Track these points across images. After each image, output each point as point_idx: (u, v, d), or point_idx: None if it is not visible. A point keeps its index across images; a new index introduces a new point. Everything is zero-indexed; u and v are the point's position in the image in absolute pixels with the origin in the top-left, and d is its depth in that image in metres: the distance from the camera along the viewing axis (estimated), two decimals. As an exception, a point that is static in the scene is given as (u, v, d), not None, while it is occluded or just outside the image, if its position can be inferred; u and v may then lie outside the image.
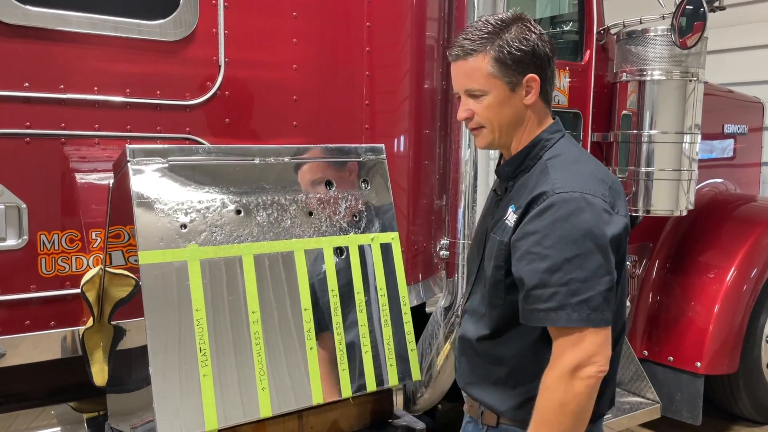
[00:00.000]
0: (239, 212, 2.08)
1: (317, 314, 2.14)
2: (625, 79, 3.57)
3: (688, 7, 3.28)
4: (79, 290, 2.22)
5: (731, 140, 4.83)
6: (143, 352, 1.89)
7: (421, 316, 3.05)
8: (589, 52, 3.49)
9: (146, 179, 1.96)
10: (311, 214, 2.21)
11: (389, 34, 2.84)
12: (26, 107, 2.17)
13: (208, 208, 2.03)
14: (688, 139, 3.52)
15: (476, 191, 2.86)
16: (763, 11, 6.51)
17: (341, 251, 2.23)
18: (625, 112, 3.59)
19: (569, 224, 1.51)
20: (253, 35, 2.53)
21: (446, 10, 2.94)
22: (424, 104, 2.93)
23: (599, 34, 3.54)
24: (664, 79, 3.47)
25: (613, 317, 1.55)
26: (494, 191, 1.84)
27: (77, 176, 2.27)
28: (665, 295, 4.04)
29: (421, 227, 2.97)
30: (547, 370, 1.54)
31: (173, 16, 2.36)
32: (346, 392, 2.15)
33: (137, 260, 1.90)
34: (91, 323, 2.24)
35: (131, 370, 2.11)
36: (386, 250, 2.32)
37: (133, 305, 2.04)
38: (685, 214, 3.66)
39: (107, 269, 2.18)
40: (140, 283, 1.90)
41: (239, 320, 2.00)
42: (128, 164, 1.95)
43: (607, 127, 3.69)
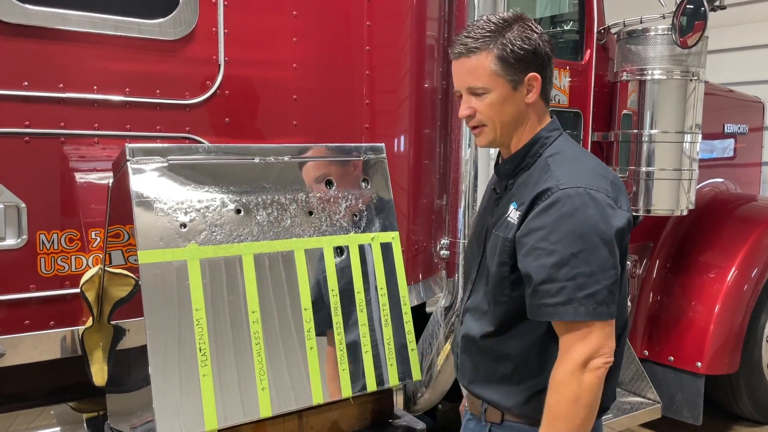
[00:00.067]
0: (239, 211, 2.07)
1: (317, 314, 2.13)
2: (625, 78, 3.57)
3: (688, 6, 3.28)
4: (78, 290, 2.22)
5: (732, 140, 4.83)
6: (143, 351, 1.89)
7: (421, 315, 3.05)
8: (589, 51, 3.49)
9: (146, 178, 1.96)
10: (311, 213, 2.20)
11: (389, 33, 2.84)
12: (25, 106, 2.16)
13: (207, 207, 2.02)
14: (688, 138, 3.52)
15: (477, 191, 2.86)
16: (763, 11, 6.51)
17: (341, 251, 2.23)
18: (625, 111, 3.59)
19: (575, 219, 1.53)
20: (253, 34, 2.52)
21: (446, 9, 2.94)
22: (424, 103, 2.93)
23: (600, 33, 3.54)
24: (664, 78, 3.46)
25: (617, 310, 1.57)
26: (493, 189, 1.84)
27: (77, 175, 2.26)
28: (666, 294, 4.04)
29: (421, 227, 2.97)
30: (556, 365, 1.56)
31: (173, 15, 2.35)
32: (346, 392, 2.15)
33: (137, 260, 1.90)
34: (90, 323, 2.24)
35: (131, 370, 2.11)
36: (386, 249, 2.31)
37: (132, 305, 2.04)
38: (685, 213, 3.65)
39: (107, 269, 2.17)
40: (140, 282, 1.90)
41: (239, 320, 2.00)
42: (128, 163, 1.95)
43: (607, 126, 3.69)
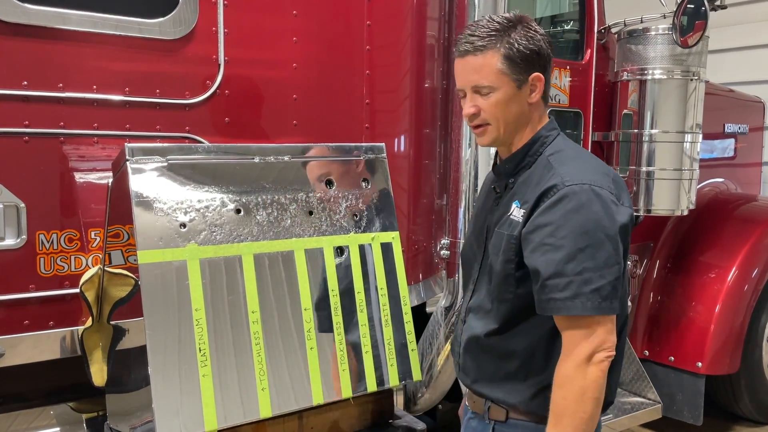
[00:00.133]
0: (239, 211, 2.07)
1: (317, 314, 2.13)
2: (626, 78, 3.57)
3: (689, 5, 3.28)
4: (78, 290, 2.21)
5: (732, 140, 4.82)
6: (142, 352, 1.88)
7: (421, 315, 3.05)
8: (589, 51, 3.48)
9: (145, 178, 1.96)
10: (311, 213, 2.20)
11: (390, 32, 2.83)
12: (25, 106, 2.16)
13: (207, 207, 2.02)
14: (689, 138, 3.51)
15: (477, 191, 2.85)
16: (763, 11, 6.51)
17: (341, 251, 2.22)
18: (626, 111, 3.58)
19: (580, 215, 1.55)
20: (252, 34, 2.52)
21: (446, 9, 2.94)
22: (424, 103, 2.93)
23: (600, 33, 3.53)
24: (665, 78, 3.46)
25: (619, 305, 1.59)
26: (493, 189, 1.84)
27: (76, 175, 2.26)
28: (666, 295, 4.03)
29: (421, 227, 2.97)
30: (561, 361, 1.58)
31: (173, 14, 2.35)
32: (346, 392, 2.14)
33: (136, 260, 1.90)
34: (90, 323, 2.23)
35: (130, 370, 2.11)
36: (387, 249, 2.31)
37: (132, 305, 2.03)
38: (686, 213, 3.65)
39: (106, 269, 2.17)
40: (139, 282, 1.89)
41: (239, 320, 2.00)
42: (127, 163, 1.95)
43: (608, 126, 3.69)
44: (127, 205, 1.95)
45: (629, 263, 3.67)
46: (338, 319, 2.16)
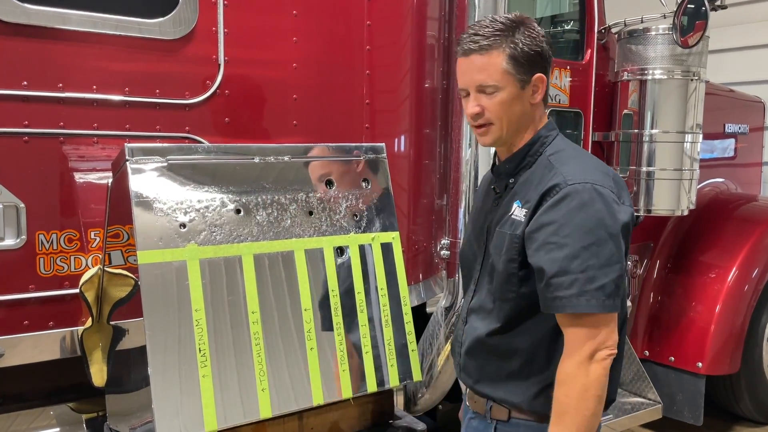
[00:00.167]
0: (239, 211, 2.07)
1: (317, 314, 2.13)
2: (626, 78, 3.56)
3: (689, 6, 3.28)
4: (77, 290, 2.21)
5: (732, 140, 4.82)
6: (142, 352, 1.88)
7: (421, 316, 3.04)
8: (590, 51, 3.48)
9: (145, 178, 1.95)
10: (311, 213, 2.20)
11: (390, 32, 2.83)
12: (25, 106, 2.15)
13: (207, 207, 2.02)
14: (689, 138, 3.51)
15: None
16: (763, 11, 6.51)
17: (341, 251, 2.22)
18: (626, 111, 3.58)
19: (583, 214, 1.56)
20: (252, 34, 2.52)
21: (446, 9, 2.93)
22: (424, 103, 2.93)
23: (600, 33, 3.53)
24: (665, 78, 3.46)
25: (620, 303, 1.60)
26: (493, 189, 1.84)
27: (76, 175, 2.26)
28: (666, 295, 4.03)
29: (421, 227, 2.97)
30: (563, 359, 1.58)
31: (173, 14, 2.35)
32: (346, 393, 2.14)
33: (136, 260, 1.89)
34: (90, 323, 2.23)
35: (130, 370, 2.10)
36: (387, 249, 2.31)
37: (132, 305, 2.03)
38: (686, 213, 3.65)
39: (106, 269, 2.17)
40: (139, 282, 1.89)
41: (239, 320, 1.99)
42: (127, 163, 1.95)
43: (608, 126, 3.68)
44: (126, 205, 1.95)
45: (629, 263, 3.67)
46: (338, 319, 2.16)
